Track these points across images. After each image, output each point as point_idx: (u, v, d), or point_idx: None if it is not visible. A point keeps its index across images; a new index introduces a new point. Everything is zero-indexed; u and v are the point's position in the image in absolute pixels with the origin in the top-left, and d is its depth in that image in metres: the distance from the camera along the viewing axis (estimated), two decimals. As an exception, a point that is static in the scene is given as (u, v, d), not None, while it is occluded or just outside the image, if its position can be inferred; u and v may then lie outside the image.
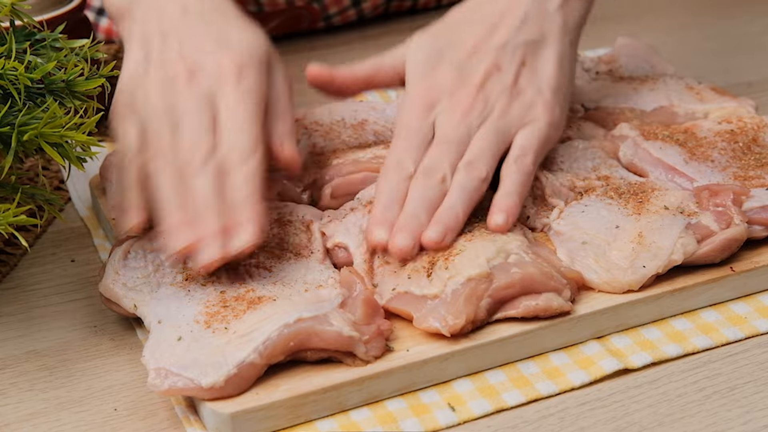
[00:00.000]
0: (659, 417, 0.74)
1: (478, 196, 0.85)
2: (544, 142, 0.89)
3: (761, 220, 0.85)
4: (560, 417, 0.74)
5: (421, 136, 0.88)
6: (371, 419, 0.74)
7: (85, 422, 0.74)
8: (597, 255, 0.82)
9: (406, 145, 0.87)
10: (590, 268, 0.82)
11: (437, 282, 0.78)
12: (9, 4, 0.78)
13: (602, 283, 0.81)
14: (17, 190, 0.77)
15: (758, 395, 0.76)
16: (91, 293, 0.86)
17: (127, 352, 0.80)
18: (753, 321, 0.82)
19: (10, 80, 0.75)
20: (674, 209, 0.85)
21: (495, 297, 0.77)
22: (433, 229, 0.82)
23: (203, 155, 0.80)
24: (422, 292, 0.78)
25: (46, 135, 0.74)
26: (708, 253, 0.83)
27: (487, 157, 0.86)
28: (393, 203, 0.84)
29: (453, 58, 0.91)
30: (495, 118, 0.88)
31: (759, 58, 1.25)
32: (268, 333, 0.73)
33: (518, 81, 0.90)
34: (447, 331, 0.75)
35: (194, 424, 0.73)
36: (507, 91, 0.89)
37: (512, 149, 0.88)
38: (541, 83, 0.90)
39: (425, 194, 0.84)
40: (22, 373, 0.78)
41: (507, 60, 0.90)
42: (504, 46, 0.91)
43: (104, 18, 1.29)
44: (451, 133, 0.87)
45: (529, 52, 0.91)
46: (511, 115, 0.89)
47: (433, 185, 0.84)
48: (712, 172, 0.92)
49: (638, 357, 0.79)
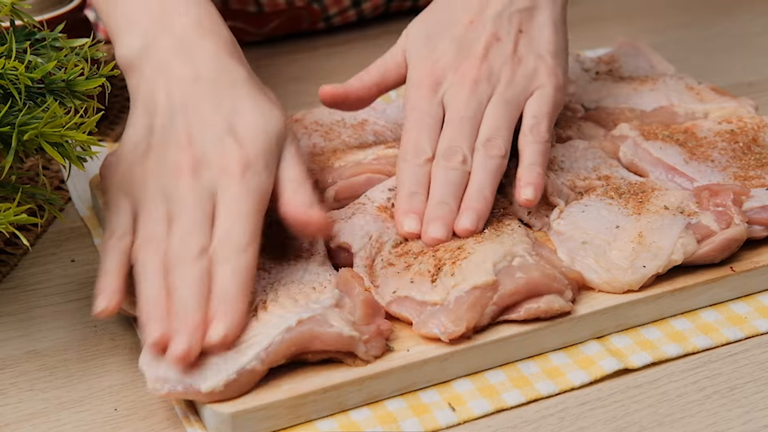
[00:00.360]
0: (659, 417, 0.74)
1: (500, 175, 0.86)
2: (554, 107, 0.89)
3: (761, 220, 0.85)
4: (560, 417, 0.74)
5: (432, 117, 0.88)
6: (371, 419, 0.74)
7: (85, 422, 0.74)
8: (597, 255, 0.82)
9: (420, 129, 0.87)
10: (590, 268, 0.82)
11: (441, 289, 0.77)
12: (9, 3, 0.78)
13: (602, 283, 0.81)
14: (17, 189, 0.77)
15: (758, 395, 0.76)
16: (91, 293, 0.86)
17: (127, 352, 0.80)
18: (753, 321, 0.82)
19: (10, 80, 0.75)
20: (674, 209, 0.85)
21: (500, 304, 0.77)
22: (466, 216, 0.83)
23: (196, 251, 0.76)
24: (424, 298, 0.78)
25: (47, 135, 0.74)
26: (708, 253, 0.83)
27: (503, 132, 0.87)
28: (417, 190, 0.85)
29: (451, 34, 0.91)
30: (503, 89, 0.88)
31: (759, 58, 1.25)
32: (271, 338, 0.73)
33: (518, 49, 0.90)
34: (446, 338, 0.75)
35: (194, 424, 0.73)
36: (509, 60, 0.90)
37: (525, 119, 0.88)
38: (540, 49, 0.91)
39: (449, 178, 0.84)
40: (22, 373, 0.78)
41: (504, 29, 0.91)
42: (499, 15, 0.91)
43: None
44: (463, 109, 0.87)
45: (524, 19, 0.91)
46: (518, 84, 0.89)
47: (456, 167, 0.85)
48: (712, 172, 0.92)
49: (638, 357, 0.79)
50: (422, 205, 0.84)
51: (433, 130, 0.87)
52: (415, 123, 0.88)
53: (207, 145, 0.80)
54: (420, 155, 0.86)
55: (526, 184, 0.85)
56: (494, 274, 0.77)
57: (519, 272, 0.78)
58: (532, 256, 0.80)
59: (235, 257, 0.76)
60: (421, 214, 0.84)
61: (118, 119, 1.12)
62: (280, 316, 0.75)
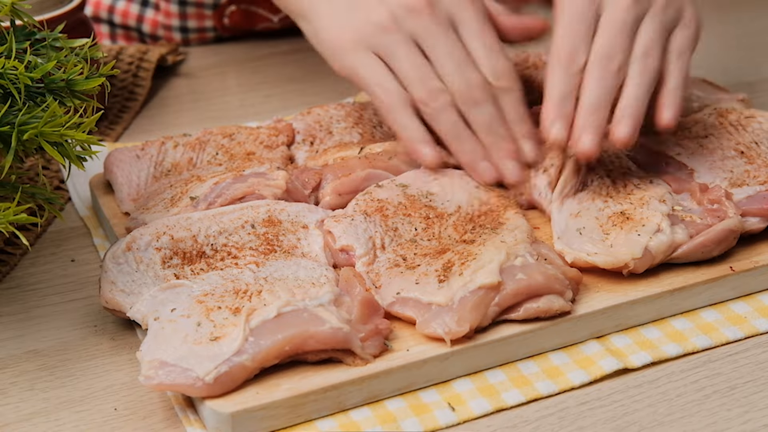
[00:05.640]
0: (659, 417, 0.74)
1: (652, 90, 0.87)
2: (695, 44, 0.91)
3: (754, 211, 0.86)
4: (560, 417, 0.74)
5: (588, 23, 0.88)
6: (371, 419, 0.74)
7: (85, 422, 0.74)
8: (594, 240, 0.83)
9: (575, 33, 0.88)
10: (591, 252, 0.82)
11: (447, 290, 0.77)
12: (9, 3, 0.78)
13: (605, 262, 0.81)
14: (17, 189, 0.77)
15: (758, 395, 0.76)
16: (91, 293, 0.86)
17: (127, 352, 0.80)
18: (753, 320, 0.83)
19: (10, 80, 0.75)
20: (668, 200, 0.86)
21: (502, 305, 0.77)
22: (625, 124, 0.85)
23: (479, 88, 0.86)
24: (429, 299, 0.78)
25: (46, 134, 0.74)
26: (705, 244, 0.83)
27: (659, 50, 0.88)
28: (568, 96, 0.86)
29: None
30: (659, 10, 0.89)
31: (759, 57, 1.25)
32: (261, 335, 0.73)
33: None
34: (449, 338, 0.75)
35: (194, 423, 0.73)
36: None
37: (672, 46, 0.89)
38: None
39: (605, 84, 0.86)
40: (22, 373, 0.78)
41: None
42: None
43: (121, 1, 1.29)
44: (622, 18, 0.87)
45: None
46: (671, 10, 0.90)
47: (611, 75, 0.86)
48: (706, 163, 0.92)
49: (638, 357, 0.79)
50: (572, 111, 0.86)
51: (587, 36, 0.88)
52: (570, 25, 0.88)
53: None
54: (574, 62, 0.87)
55: (668, 106, 0.87)
56: (499, 275, 0.77)
57: (520, 273, 0.78)
58: (533, 255, 0.80)
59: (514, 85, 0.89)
60: (570, 120, 0.86)
61: (118, 119, 1.12)
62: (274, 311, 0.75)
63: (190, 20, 1.28)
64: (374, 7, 0.88)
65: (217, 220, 0.85)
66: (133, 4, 1.29)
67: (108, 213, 0.93)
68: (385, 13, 0.88)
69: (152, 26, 1.29)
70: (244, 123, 1.06)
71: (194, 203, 0.87)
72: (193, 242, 0.83)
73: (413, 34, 0.88)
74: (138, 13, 1.29)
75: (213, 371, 0.71)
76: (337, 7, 0.90)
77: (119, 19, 1.29)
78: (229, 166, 0.92)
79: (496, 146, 0.88)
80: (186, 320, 0.75)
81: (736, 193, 0.87)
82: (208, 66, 1.25)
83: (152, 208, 0.88)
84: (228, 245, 0.83)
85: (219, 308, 0.76)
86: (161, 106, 1.16)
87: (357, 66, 0.89)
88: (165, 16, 1.28)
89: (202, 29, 1.29)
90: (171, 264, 0.81)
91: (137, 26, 1.29)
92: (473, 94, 0.87)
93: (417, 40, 0.88)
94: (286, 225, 0.85)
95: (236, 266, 0.81)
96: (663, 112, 0.87)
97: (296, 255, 0.83)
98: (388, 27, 0.88)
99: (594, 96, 0.85)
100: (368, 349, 0.75)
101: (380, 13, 0.88)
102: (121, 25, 1.30)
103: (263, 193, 0.88)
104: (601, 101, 0.85)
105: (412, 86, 0.88)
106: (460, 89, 0.87)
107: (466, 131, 0.89)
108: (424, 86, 0.87)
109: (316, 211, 0.88)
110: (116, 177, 0.94)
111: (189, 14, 1.27)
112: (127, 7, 1.29)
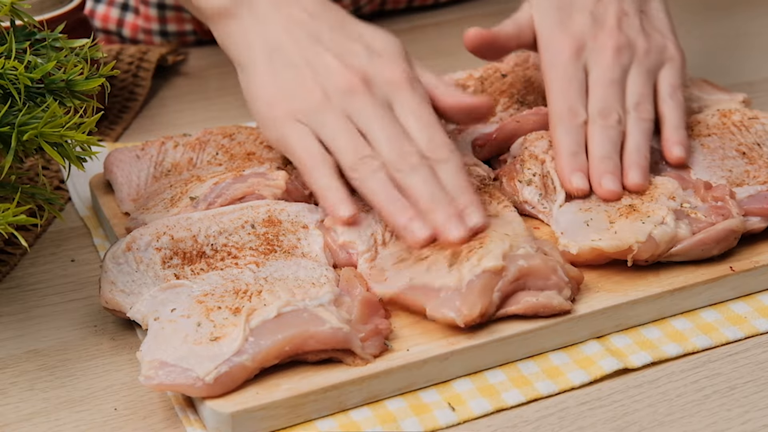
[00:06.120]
0: (659, 417, 0.74)
1: (650, 138, 0.92)
2: (683, 78, 0.96)
3: (756, 210, 0.86)
4: (560, 417, 0.74)
5: (579, 80, 0.93)
6: (371, 419, 0.74)
7: (85, 422, 0.74)
8: (600, 230, 0.84)
9: (569, 92, 0.92)
10: (597, 240, 0.82)
11: (455, 273, 0.78)
12: (9, 3, 0.78)
13: (610, 246, 0.82)
14: (17, 189, 0.77)
15: (758, 395, 0.76)
16: (91, 293, 0.86)
17: (127, 352, 0.80)
18: (753, 321, 0.83)
19: (10, 80, 0.75)
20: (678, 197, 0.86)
21: (504, 291, 0.77)
22: (635, 172, 0.88)
23: (416, 156, 0.83)
24: (439, 283, 0.78)
25: (46, 134, 0.74)
26: (704, 242, 0.83)
27: (649, 98, 0.93)
28: (578, 149, 0.89)
29: (582, 6, 0.96)
30: (641, 59, 0.94)
31: (759, 58, 1.25)
32: (261, 335, 0.73)
33: (643, 25, 0.96)
34: (461, 321, 0.75)
35: (194, 423, 0.73)
36: (641, 33, 0.96)
37: (662, 87, 0.95)
38: (662, 28, 0.98)
39: (609, 135, 0.90)
40: (22, 373, 0.79)
41: (629, 6, 0.97)
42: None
43: (101, 5, 1.29)
44: (609, 74, 0.93)
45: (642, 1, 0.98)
46: (653, 55, 0.95)
47: (613, 125, 0.90)
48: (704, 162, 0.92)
49: (638, 357, 0.79)
50: (586, 163, 0.89)
51: (581, 92, 0.92)
52: (564, 86, 0.92)
53: (363, 65, 0.86)
54: (576, 117, 0.91)
55: (676, 144, 0.91)
56: (503, 261, 0.78)
57: (522, 260, 0.78)
58: (534, 248, 0.80)
59: (452, 156, 0.83)
60: (586, 172, 0.88)
61: (118, 119, 1.12)
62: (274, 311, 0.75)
63: (169, 24, 1.28)
64: (310, 87, 0.86)
65: (217, 220, 0.85)
66: (113, 9, 1.29)
67: (108, 213, 0.93)
68: (319, 94, 0.85)
69: (132, 30, 1.29)
70: (244, 123, 1.06)
71: (194, 203, 0.87)
72: (193, 242, 0.83)
73: (347, 112, 0.85)
74: (118, 17, 1.29)
75: (213, 371, 0.72)
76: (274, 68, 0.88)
77: (99, 24, 1.29)
78: (229, 166, 0.92)
79: (435, 211, 0.81)
80: (186, 320, 0.75)
81: (736, 192, 0.87)
82: (208, 66, 1.25)
83: (152, 208, 0.88)
84: (228, 245, 0.83)
85: (219, 308, 0.76)
86: (161, 106, 1.16)
87: (287, 135, 0.86)
88: (145, 20, 1.28)
89: (182, 33, 1.29)
90: (171, 264, 0.82)
91: (117, 30, 1.29)
92: (408, 160, 0.82)
93: (351, 117, 0.85)
94: (286, 225, 0.85)
95: (236, 266, 0.81)
96: (672, 151, 0.91)
97: (296, 255, 0.83)
98: (321, 106, 0.85)
99: (602, 147, 0.89)
100: (368, 349, 0.75)
101: (314, 93, 0.86)
102: (102, 30, 1.30)
103: (263, 193, 0.88)
104: (610, 151, 0.89)
105: (340, 153, 0.84)
106: (392, 157, 0.83)
107: (397, 193, 0.82)
108: (355, 154, 0.83)
109: (316, 211, 0.88)
110: (116, 177, 0.94)
111: (168, 18, 1.27)
112: (107, 11, 1.29)
